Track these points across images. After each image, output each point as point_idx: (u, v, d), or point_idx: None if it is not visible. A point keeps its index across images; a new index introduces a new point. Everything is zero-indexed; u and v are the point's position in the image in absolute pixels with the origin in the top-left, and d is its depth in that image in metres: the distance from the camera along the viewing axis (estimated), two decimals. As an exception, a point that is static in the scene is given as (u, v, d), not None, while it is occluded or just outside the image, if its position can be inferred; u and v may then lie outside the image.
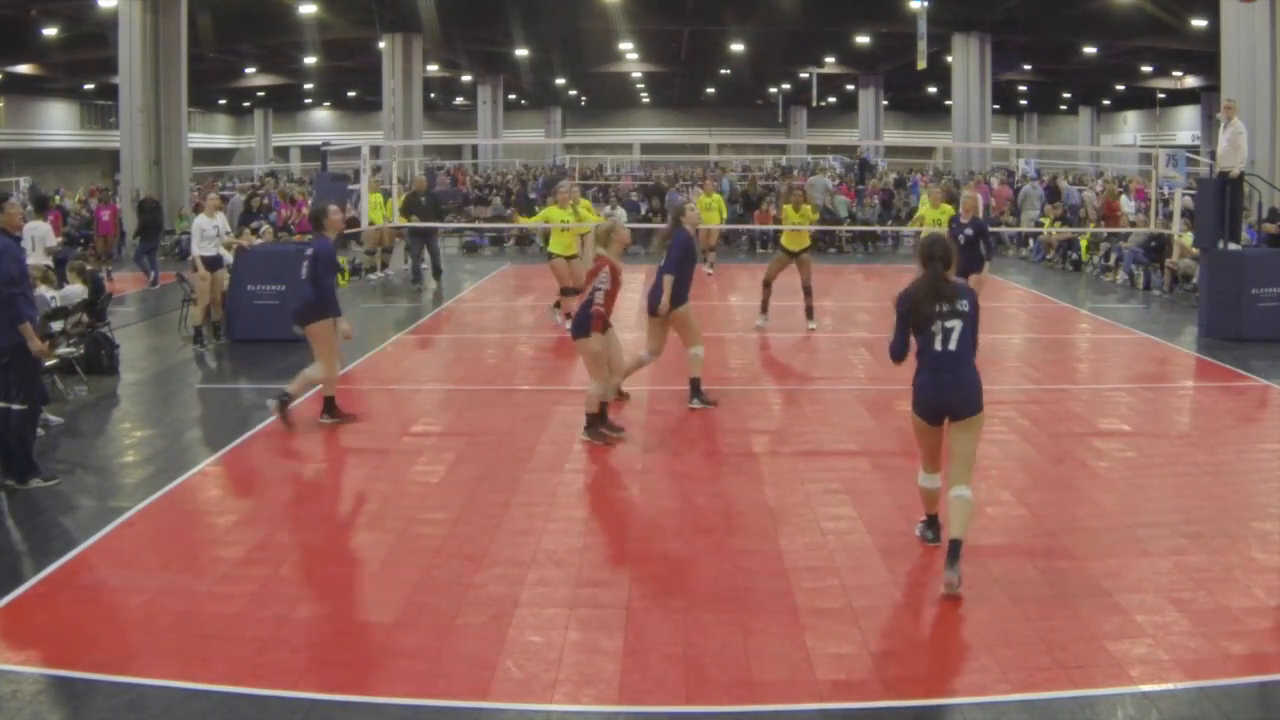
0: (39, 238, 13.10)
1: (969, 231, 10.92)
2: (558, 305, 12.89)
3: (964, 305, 5.39)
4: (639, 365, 9.08)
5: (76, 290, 10.48)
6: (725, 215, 19.65)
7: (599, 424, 7.97)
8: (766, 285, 12.80)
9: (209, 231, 12.20)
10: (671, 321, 8.89)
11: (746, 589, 5.34)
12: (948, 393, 5.37)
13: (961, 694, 4.31)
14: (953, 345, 5.36)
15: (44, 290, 9.95)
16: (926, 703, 4.25)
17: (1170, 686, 4.33)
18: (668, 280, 8.71)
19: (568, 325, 9.50)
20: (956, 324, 5.36)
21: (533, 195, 25.79)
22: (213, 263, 12.21)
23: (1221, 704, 4.19)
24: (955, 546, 5.24)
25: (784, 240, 12.94)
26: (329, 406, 8.64)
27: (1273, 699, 4.25)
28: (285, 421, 8.39)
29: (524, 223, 18.25)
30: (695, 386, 9.06)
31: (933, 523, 5.90)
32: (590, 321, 7.77)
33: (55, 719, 4.23)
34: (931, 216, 12.53)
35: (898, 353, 5.55)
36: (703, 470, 7.33)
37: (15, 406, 6.90)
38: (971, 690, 4.34)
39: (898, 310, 5.51)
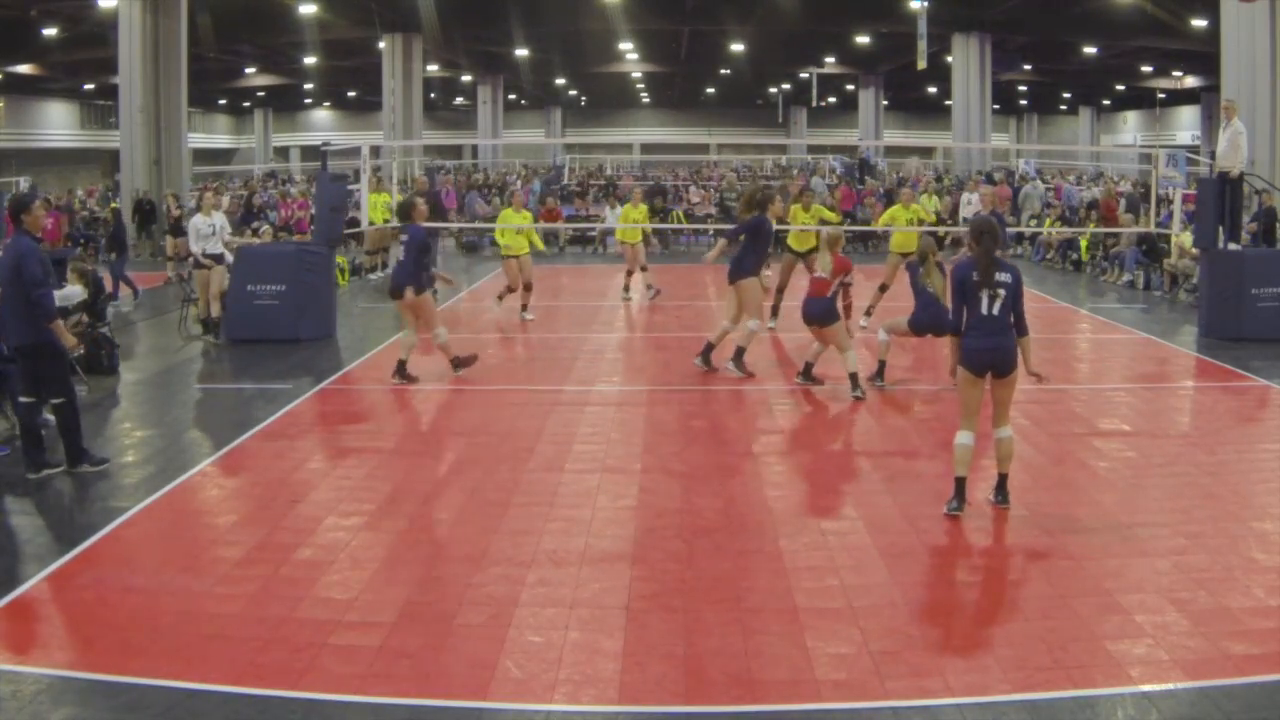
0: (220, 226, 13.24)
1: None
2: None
3: (1007, 278, 6.26)
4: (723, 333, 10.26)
5: (76, 291, 10.48)
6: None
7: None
8: (780, 290, 12.79)
9: (204, 230, 12.38)
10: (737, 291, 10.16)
11: (746, 589, 5.34)
12: (995, 353, 6.21)
13: (961, 694, 4.31)
14: (997, 310, 6.23)
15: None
16: (927, 703, 4.25)
17: (1170, 686, 4.33)
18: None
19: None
20: (1001, 293, 6.23)
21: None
22: (212, 260, 12.37)
23: (1221, 704, 4.19)
24: (1003, 480, 6.42)
25: (790, 240, 13.01)
26: None
27: (1273, 699, 4.25)
28: None
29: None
30: (739, 354, 10.13)
31: (961, 489, 6.34)
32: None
33: (55, 719, 4.23)
34: (903, 216, 13.01)
35: (956, 325, 6.39)
36: (703, 470, 7.33)
37: (54, 400, 7.25)
38: (971, 690, 4.34)
39: (953, 285, 6.40)
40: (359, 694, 4.32)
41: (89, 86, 40.96)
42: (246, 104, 56.08)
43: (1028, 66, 40.33)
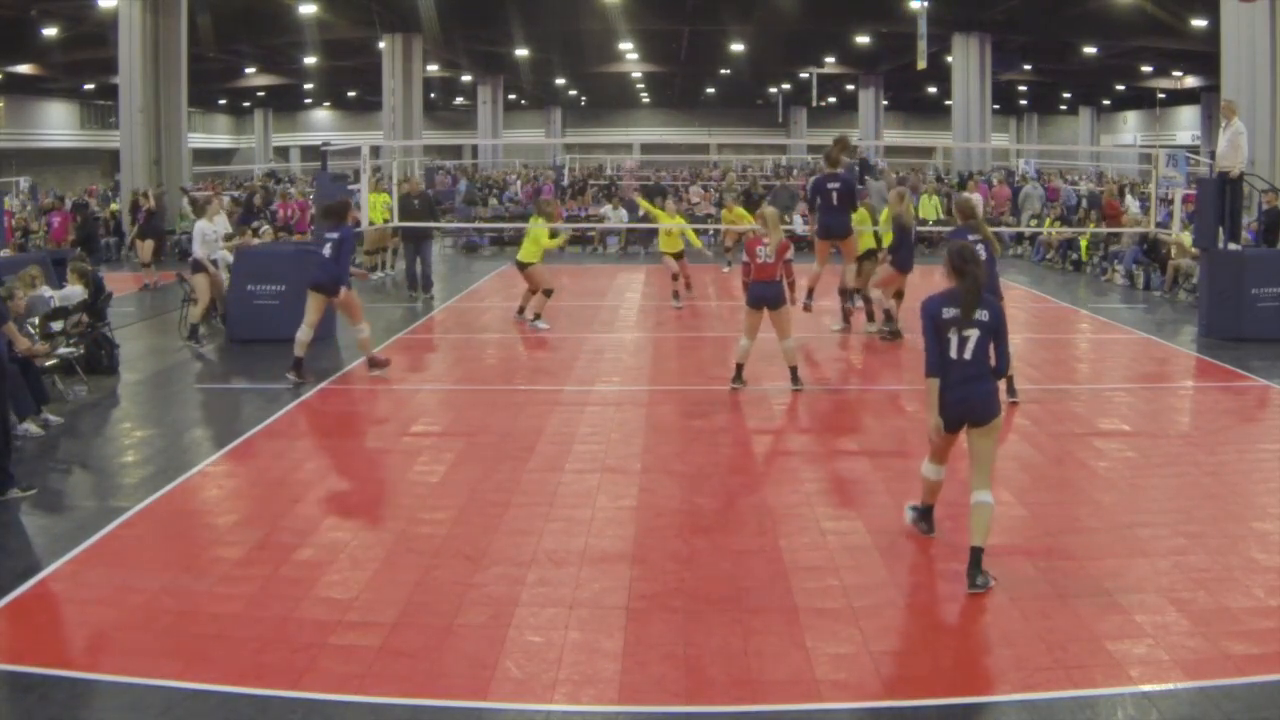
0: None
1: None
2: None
3: (983, 316, 5.39)
4: None
5: (76, 291, 10.49)
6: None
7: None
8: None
9: (209, 235, 12.43)
10: None
11: (746, 589, 5.34)
12: (966, 403, 5.40)
13: (961, 694, 4.31)
14: (968, 354, 5.38)
15: (44, 290, 9.97)
16: (927, 703, 4.25)
17: (1170, 686, 4.34)
18: None
19: None
20: (974, 333, 5.38)
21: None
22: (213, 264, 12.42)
23: (1221, 704, 4.19)
24: (976, 555, 5.28)
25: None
26: None
27: (1273, 699, 4.25)
28: None
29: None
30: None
31: (928, 514, 5.98)
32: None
33: (55, 719, 4.22)
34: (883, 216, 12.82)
35: (933, 368, 5.46)
36: (703, 470, 7.32)
37: None
38: (971, 690, 4.34)
39: (923, 323, 5.48)
40: (359, 694, 4.33)
41: (89, 86, 40.95)
42: (246, 104, 56.05)
43: (1028, 66, 40.31)
